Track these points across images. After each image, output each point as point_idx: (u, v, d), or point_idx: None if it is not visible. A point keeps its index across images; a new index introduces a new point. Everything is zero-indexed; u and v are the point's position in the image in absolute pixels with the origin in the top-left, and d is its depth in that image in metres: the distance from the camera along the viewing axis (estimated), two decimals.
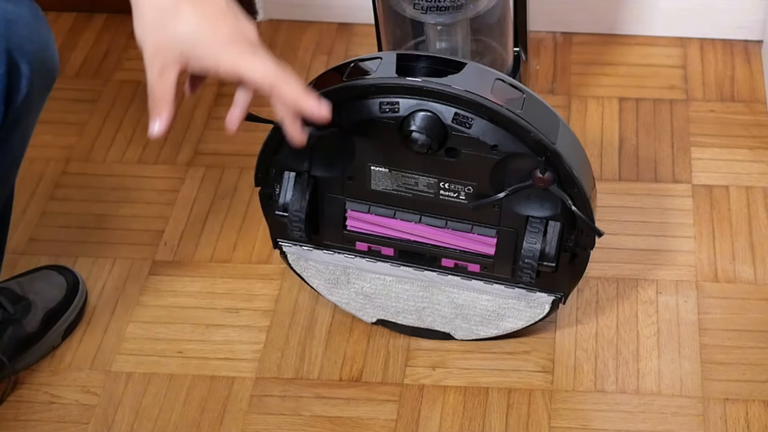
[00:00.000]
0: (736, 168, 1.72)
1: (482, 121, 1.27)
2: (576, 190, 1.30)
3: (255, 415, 1.47)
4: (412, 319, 1.51)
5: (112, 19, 2.03)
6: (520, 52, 1.67)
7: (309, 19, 2.01)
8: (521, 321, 1.46)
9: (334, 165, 1.37)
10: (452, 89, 1.26)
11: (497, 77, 1.30)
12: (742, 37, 1.92)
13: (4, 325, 1.47)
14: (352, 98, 1.29)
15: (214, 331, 1.56)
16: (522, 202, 1.34)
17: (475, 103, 1.26)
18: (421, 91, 1.27)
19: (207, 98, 1.88)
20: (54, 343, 1.53)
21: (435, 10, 1.47)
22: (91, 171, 1.78)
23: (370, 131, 1.31)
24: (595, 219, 1.34)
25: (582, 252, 1.37)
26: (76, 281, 1.56)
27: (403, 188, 1.36)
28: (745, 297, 1.56)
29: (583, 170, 1.31)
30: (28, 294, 1.51)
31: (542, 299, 1.42)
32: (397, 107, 1.28)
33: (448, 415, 1.45)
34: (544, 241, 1.34)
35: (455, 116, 1.27)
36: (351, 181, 1.37)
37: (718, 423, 1.43)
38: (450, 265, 1.43)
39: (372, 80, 1.28)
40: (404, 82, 1.27)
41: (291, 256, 1.48)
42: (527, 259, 1.35)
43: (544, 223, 1.34)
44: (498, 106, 1.26)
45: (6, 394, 1.49)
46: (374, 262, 1.45)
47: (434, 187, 1.35)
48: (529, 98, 1.29)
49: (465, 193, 1.34)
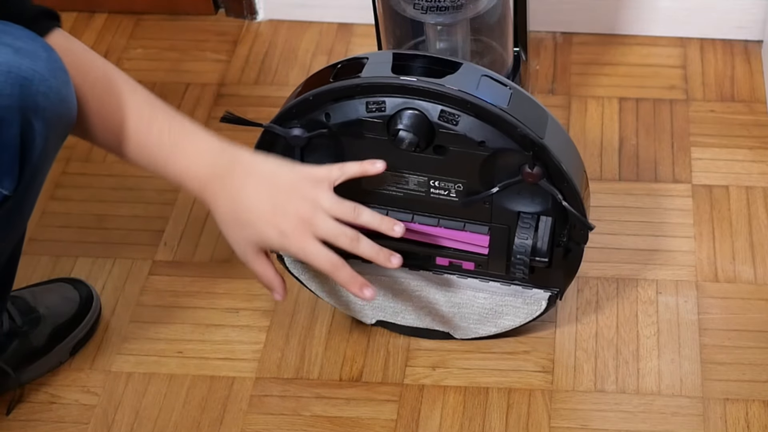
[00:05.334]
0: (736, 168, 1.72)
1: (469, 117, 1.27)
2: (566, 184, 1.30)
3: (255, 415, 1.47)
4: (410, 319, 1.51)
5: (112, 19, 2.03)
6: (520, 52, 1.67)
7: (309, 19, 2.01)
8: (519, 318, 1.46)
9: None
10: (438, 87, 1.26)
11: (483, 74, 1.30)
12: (742, 37, 1.92)
13: (10, 337, 1.46)
14: (339, 99, 1.30)
15: (214, 331, 1.56)
16: (513, 198, 1.34)
17: (460, 99, 1.26)
18: (407, 89, 1.27)
19: (207, 98, 1.88)
20: (61, 359, 1.52)
21: (435, 10, 1.47)
22: (91, 171, 1.78)
23: (358, 131, 1.31)
24: (587, 213, 1.34)
25: (576, 247, 1.37)
26: (89, 297, 1.55)
27: (394, 187, 1.36)
28: (745, 297, 1.56)
29: (573, 164, 1.31)
30: (39, 307, 1.50)
31: (538, 296, 1.43)
32: (384, 106, 1.28)
33: (448, 415, 1.45)
34: (536, 237, 1.34)
35: (441, 113, 1.27)
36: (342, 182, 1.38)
37: (718, 423, 1.43)
38: (444, 264, 1.43)
39: (358, 80, 1.28)
40: (390, 80, 1.28)
41: (287, 259, 1.49)
42: (519, 254, 1.34)
43: (536, 218, 1.34)
44: (484, 102, 1.26)
45: (13, 406, 1.48)
46: (369, 262, 1.45)
47: (425, 185, 1.35)
48: (516, 94, 1.29)
49: (455, 190, 1.35)
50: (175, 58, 1.96)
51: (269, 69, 1.93)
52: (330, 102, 1.30)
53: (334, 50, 1.95)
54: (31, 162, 1.19)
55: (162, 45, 1.98)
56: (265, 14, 2.02)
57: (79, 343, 1.54)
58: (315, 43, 1.97)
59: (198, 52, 1.96)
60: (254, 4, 2.00)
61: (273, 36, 1.98)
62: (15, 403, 1.48)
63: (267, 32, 1.99)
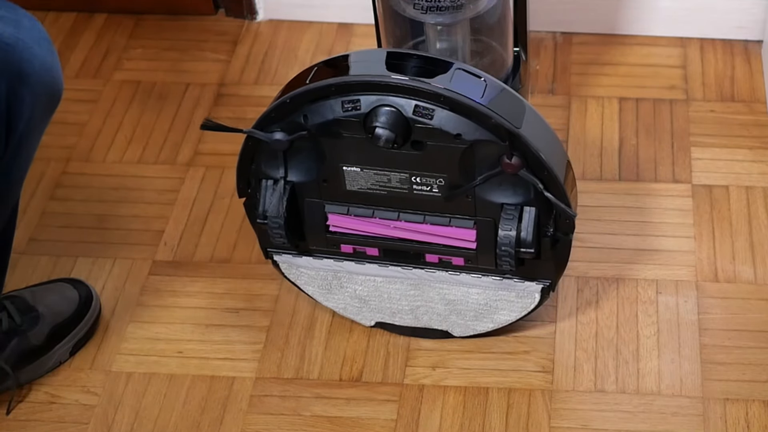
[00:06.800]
0: (736, 168, 1.72)
1: (443, 111, 1.28)
2: (546, 173, 1.29)
3: (255, 415, 1.47)
4: (408, 319, 1.51)
5: (112, 19, 2.03)
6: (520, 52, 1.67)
7: (309, 19, 2.01)
8: (514, 312, 1.46)
9: (309, 169, 1.38)
10: (411, 82, 1.27)
11: (458, 67, 1.30)
12: (742, 37, 1.92)
13: (9, 335, 1.46)
14: (316, 100, 1.30)
15: (214, 331, 1.56)
16: (495, 191, 1.34)
17: (433, 93, 1.26)
18: (380, 86, 1.28)
19: (207, 98, 1.88)
20: (61, 359, 1.52)
21: (435, 10, 1.47)
22: (91, 171, 1.78)
23: (336, 131, 1.32)
24: (573, 202, 1.33)
25: (563, 237, 1.37)
26: (89, 297, 1.55)
27: (378, 186, 1.37)
28: (745, 297, 1.56)
29: (553, 153, 1.31)
30: (38, 306, 1.51)
31: (531, 288, 1.42)
32: (359, 104, 1.29)
33: (448, 415, 1.45)
34: (520, 228, 1.34)
35: (416, 108, 1.28)
36: (326, 184, 1.38)
37: (718, 423, 1.43)
38: (435, 261, 1.43)
39: (332, 80, 1.29)
40: (363, 78, 1.28)
41: (282, 265, 1.49)
42: (504, 246, 1.35)
43: (519, 209, 1.34)
44: (457, 94, 1.26)
45: (13, 405, 1.48)
46: (362, 263, 1.45)
47: (407, 182, 1.35)
48: (491, 85, 1.29)
49: (437, 185, 1.35)
50: (175, 58, 1.96)
51: (269, 69, 1.93)
52: (307, 103, 1.31)
53: (334, 50, 1.95)
54: (18, 129, 1.20)
55: (162, 45, 1.98)
56: (265, 14, 2.02)
57: (79, 342, 1.54)
58: (315, 43, 1.97)
59: (198, 52, 1.96)
60: (254, 4, 2.00)
61: (273, 36, 1.98)
62: (15, 402, 1.48)
63: (267, 32, 1.99)
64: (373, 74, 1.28)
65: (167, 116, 1.85)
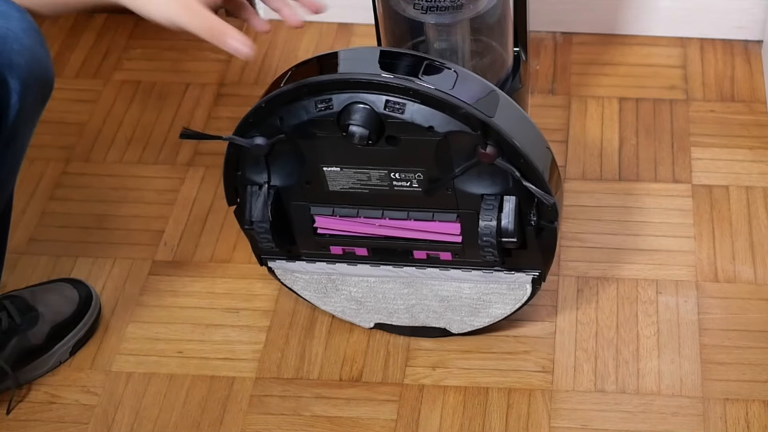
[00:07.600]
0: (736, 168, 1.72)
1: (414, 104, 1.28)
2: (522, 160, 1.29)
3: (255, 415, 1.47)
4: (406, 319, 1.51)
5: (112, 19, 2.03)
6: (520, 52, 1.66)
7: (309, 19, 2.00)
8: (508, 305, 1.46)
9: (291, 172, 1.38)
10: (379, 77, 1.27)
11: (427, 61, 1.30)
12: (742, 37, 1.92)
13: (8, 335, 1.46)
14: (290, 102, 1.31)
15: (214, 331, 1.56)
16: (474, 182, 1.34)
17: (402, 87, 1.27)
18: (350, 83, 1.28)
19: (207, 98, 1.88)
20: (61, 358, 1.52)
21: (435, 10, 1.47)
22: (91, 171, 1.78)
23: (312, 132, 1.32)
24: (555, 190, 1.33)
25: (548, 225, 1.37)
26: (89, 297, 1.56)
27: (359, 185, 1.37)
28: (745, 297, 1.56)
29: (529, 141, 1.31)
30: (38, 305, 1.51)
31: (521, 279, 1.42)
32: (331, 103, 1.29)
33: (448, 415, 1.45)
34: (500, 217, 1.34)
35: (387, 103, 1.28)
36: (309, 186, 1.38)
37: (718, 423, 1.43)
38: (423, 257, 1.43)
39: (303, 81, 1.29)
40: (333, 77, 1.29)
41: (277, 271, 1.49)
42: (485, 237, 1.35)
43: (499, 199, 1.34)
44: (426, 87, 1.27)
45: (13, 405, 1.48)
46: (354, 265, 1.45)
47: (386, 179, 1.36)
48: (462, 76, 1.30)
49: (416, 180, 1.35)
50: (175, 58, 1.96)
51: (269, 69, 1.93)
52: (282, 106, 1.31)
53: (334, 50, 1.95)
54: (7, 121, 1.20)
55: (162, 45, 1.98)
56: (264, 14, 2.02)
57: (79, 342, 1.54)
58: (315, 43, 1.97)
59: (198, 52, 1.96)
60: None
61: (273, 36, 1.98)
62: (15, 402, 1.48)
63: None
64: (342, 72, 1.29)
65: (167, 116, 1.85)
